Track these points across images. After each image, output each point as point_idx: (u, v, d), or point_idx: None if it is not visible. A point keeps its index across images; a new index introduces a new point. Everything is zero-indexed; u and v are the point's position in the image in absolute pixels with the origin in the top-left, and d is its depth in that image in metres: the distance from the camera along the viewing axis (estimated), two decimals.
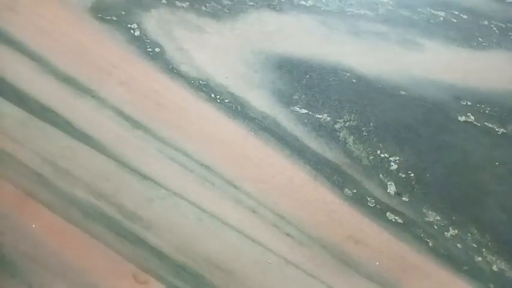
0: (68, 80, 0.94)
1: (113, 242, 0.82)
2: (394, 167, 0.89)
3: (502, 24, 1.02)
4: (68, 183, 0.85)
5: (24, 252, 0.80)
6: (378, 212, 0.86)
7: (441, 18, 1.02)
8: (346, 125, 0.93)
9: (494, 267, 0.82)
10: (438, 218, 0.85)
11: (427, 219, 0.85)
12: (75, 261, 0.80)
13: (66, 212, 0.83)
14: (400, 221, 0.85)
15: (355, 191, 0.87)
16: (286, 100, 0.95)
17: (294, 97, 0.95)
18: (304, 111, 0.94)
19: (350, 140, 0.91)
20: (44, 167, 0.87)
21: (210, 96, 0.95)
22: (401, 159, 0.90)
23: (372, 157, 0.90)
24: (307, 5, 1.04)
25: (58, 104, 0.92)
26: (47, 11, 1.02)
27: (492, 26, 1.01)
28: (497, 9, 1.04)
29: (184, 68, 0.97)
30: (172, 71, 0.97)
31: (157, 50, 0.99)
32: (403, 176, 0.88)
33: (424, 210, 0.86)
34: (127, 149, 0.89)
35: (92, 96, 0.93)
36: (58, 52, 0.97)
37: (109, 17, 1.02)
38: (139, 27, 1.01)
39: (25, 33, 0.99)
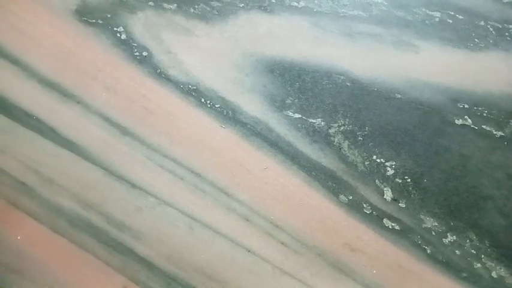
0: (51, 85, 0.96)
1: (101, 253, 0.83)
2: (390, 172, 0.91)
3: (498, 25, 1.04)
4: (54, 192, 0.87)
5: (9, 264, 0.81)
6: (375, 218, 0.88)
7: (437, 19, 1.05)
8: (341, 129, 0.94)
9: (494, 274, 0.84)
10: (436, 224, 0.87)
11: (424, 225, 0.87)
12: (62, 274, 0.81)
13: (52, 222, 0.85)
14: (397, 227, 0.87)
15: (350, 197, 0.89)
16: (278, 104, 0.97)
17: (287, 101, 0.97)
18: (297, 115, 0.96)
19: (345, 145, 0.93)
20: (28, 176, 0.88)
21: (200, 101, 0.96)
22: (397, 164, 0.92)
23: (368, 162, 0.92)
24: (299, 6, 1.07)
25: (42, 110, 0.94)
26: (29, 13, 1.03)
27: (488, 26, 1.04)
28: (494, 9, 1.06)
29: (172, 72, 0.99)
30: (160, 75, 0.99)
31: (144, 53, 1.01)
32: (400, 181, 0.90)
33: (422, 216, 0.88)
34: (114, 156, 0.91)
35: (77, 102, 0.95)
36: (41, 56, 0.99)
37: (94, 20, 1.03)
38: (125, 31, 1.03)
39: (6, 37, 1.00)
